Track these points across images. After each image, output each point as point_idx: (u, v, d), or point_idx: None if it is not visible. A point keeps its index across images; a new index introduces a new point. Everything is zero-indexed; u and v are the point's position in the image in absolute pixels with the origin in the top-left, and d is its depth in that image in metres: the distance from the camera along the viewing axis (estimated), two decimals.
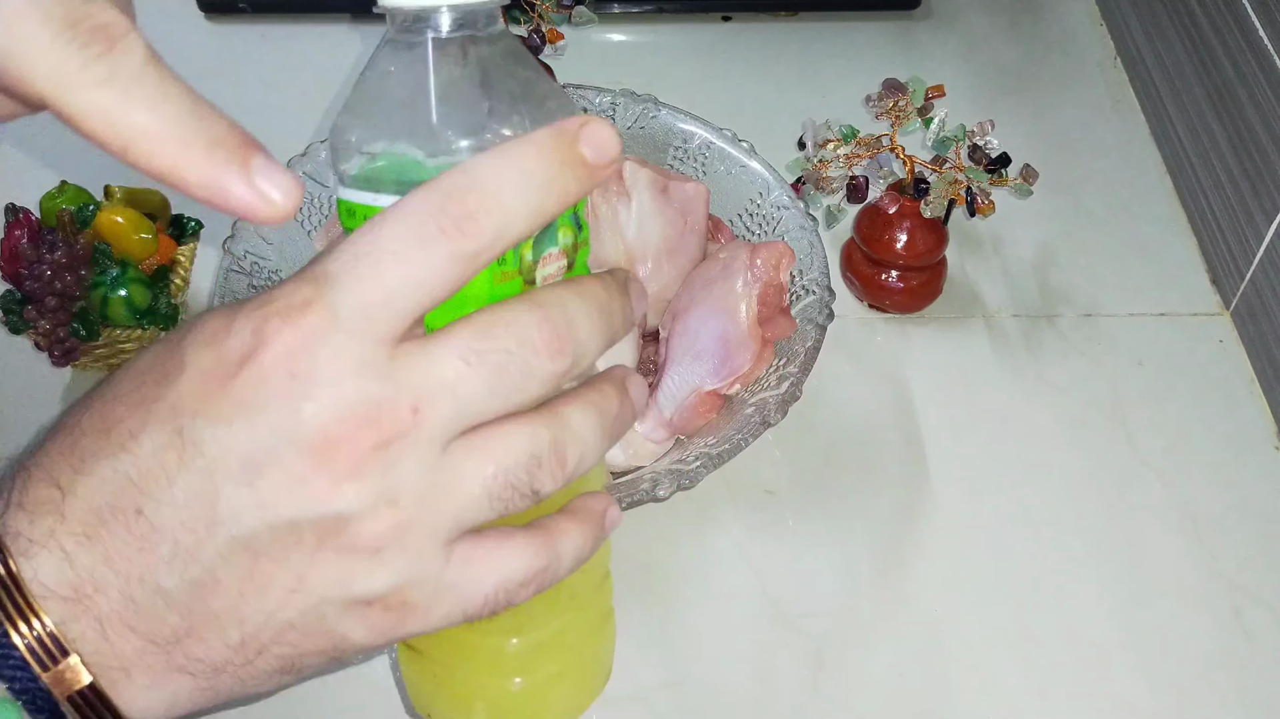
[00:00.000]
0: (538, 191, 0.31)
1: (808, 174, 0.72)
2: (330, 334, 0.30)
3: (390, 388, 0.30)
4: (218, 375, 0.30)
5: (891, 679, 0.61)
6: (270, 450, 0.30)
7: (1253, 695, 0.61)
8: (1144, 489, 0.69)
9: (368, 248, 0.30)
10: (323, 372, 0.30)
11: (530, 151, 0.31)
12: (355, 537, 0.31)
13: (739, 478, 0.68)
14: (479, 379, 0.31)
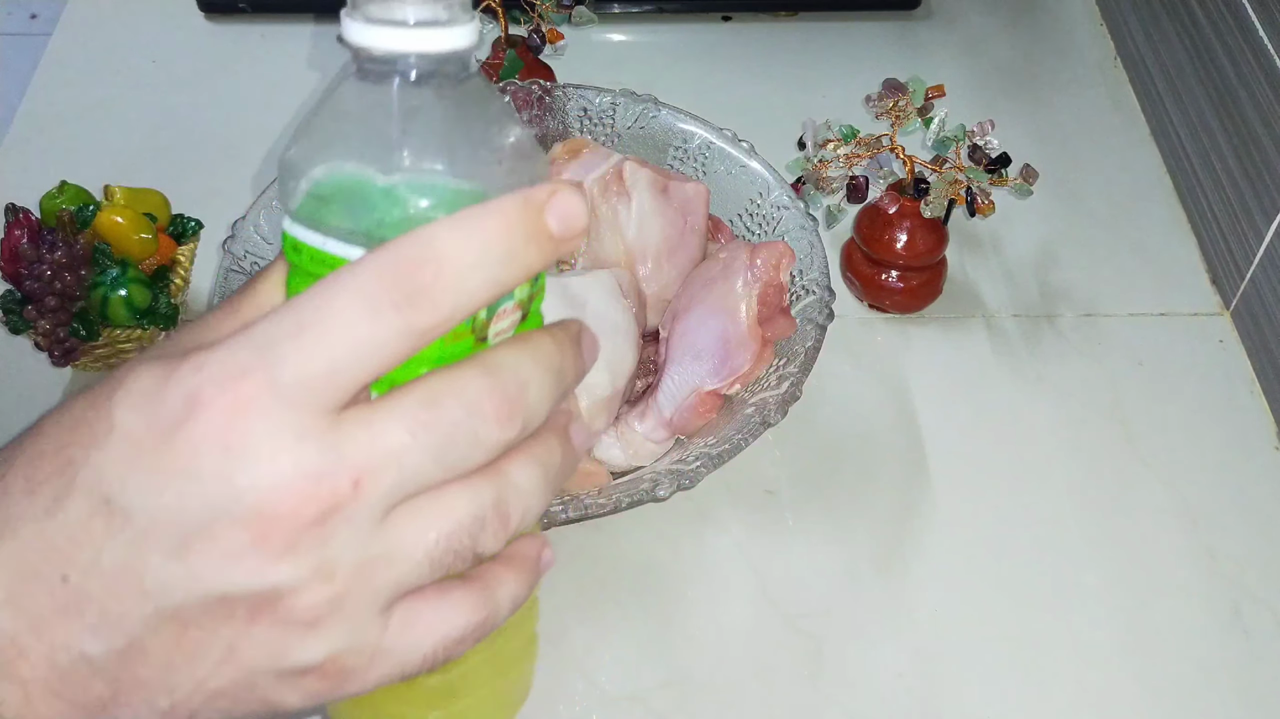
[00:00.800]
0: (497, 265, 0.30)
1: (808, 174, 0.72)
2: (269, 405, 0.29)
3: (330, 460, 0.29)
4: (148, 442, 0.29)
5: (891, 679, 0.61)
6: (202, 524, 0.29)
7: (1252, 694, 0.61)
8: (1144, 489, 0.69)
9: (313, 317, 0.29)
10: (260, 445, 0.29)
11: (493, 223, 0.30)
12: (289, 611, 0.30)
13: (739, 478, 0.68)
14: (424, 450, 0.30)
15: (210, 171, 0.86)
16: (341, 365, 0.29)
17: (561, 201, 0.30)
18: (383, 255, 0.29)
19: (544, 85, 0.77)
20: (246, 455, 0.29)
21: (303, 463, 0.29)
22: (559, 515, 0.58)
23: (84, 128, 0.89)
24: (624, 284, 0.66)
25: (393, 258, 0.29)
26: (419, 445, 0.30)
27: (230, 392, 0.29)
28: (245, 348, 0.29)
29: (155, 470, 0.29)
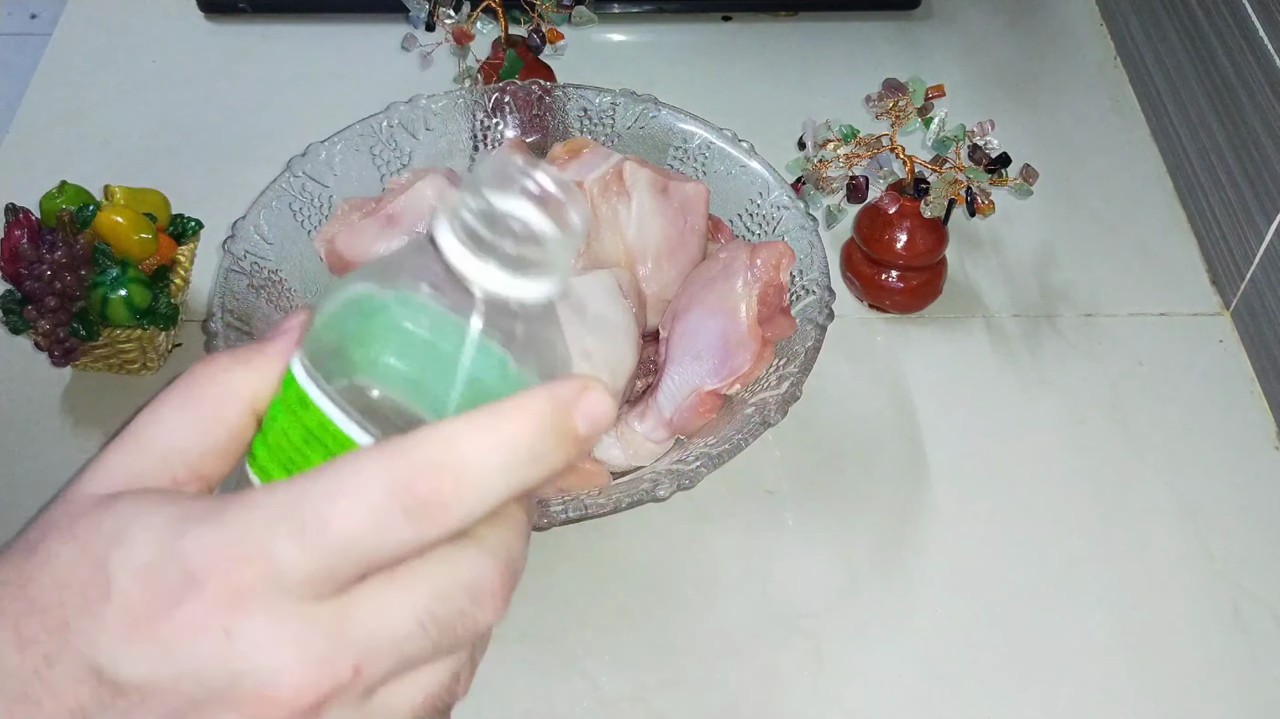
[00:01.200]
0: (520, 469, 0.28)
1: (808, 174, 0.72)
2: (270, 596, 0.28)
3: (334, 648, 0.29)
4: (145, 615, 0.28)
5: (891, 679, 0.61)
6: (196, 704, 0.29)
7: (1252, 693, 0.61)
8: (1144, 489, 0.69)
9: (317, 516, 0.28)
10: (259, 632, 0.28)
11: (522, 426, 0.28)
12: None
13: (739, 478, 0.68)
14: (428, 639, 0.30)
15: (210, 171, 0.86)
16: (345, 563, 0.28)
17: (590, 402, 0.29)
18: (399, 457, 0.28)
19: (544, 85, 0.77)
20: (246, 641, 0.28)
21: (306, 652, 0.29)
22: (559, 515, 0.58)
23: (84, 128, 0.89)
24: (624, 284, 0.66)
25: (409, 462, 0.28)
26: (425, 635, 0.29)
27: (231, 578, 0.28)
28: (248, 529, 0.29)
29: (151, 645, 0.29)
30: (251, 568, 0.28)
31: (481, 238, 0.29)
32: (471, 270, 0.29)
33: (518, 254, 0.29)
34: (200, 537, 0.29)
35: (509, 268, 0.29)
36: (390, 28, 0.93)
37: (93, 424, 0.72)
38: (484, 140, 0.77)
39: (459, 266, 0.29)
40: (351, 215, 0.72)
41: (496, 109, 0.77)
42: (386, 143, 0.75)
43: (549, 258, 0.29)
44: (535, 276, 0.29)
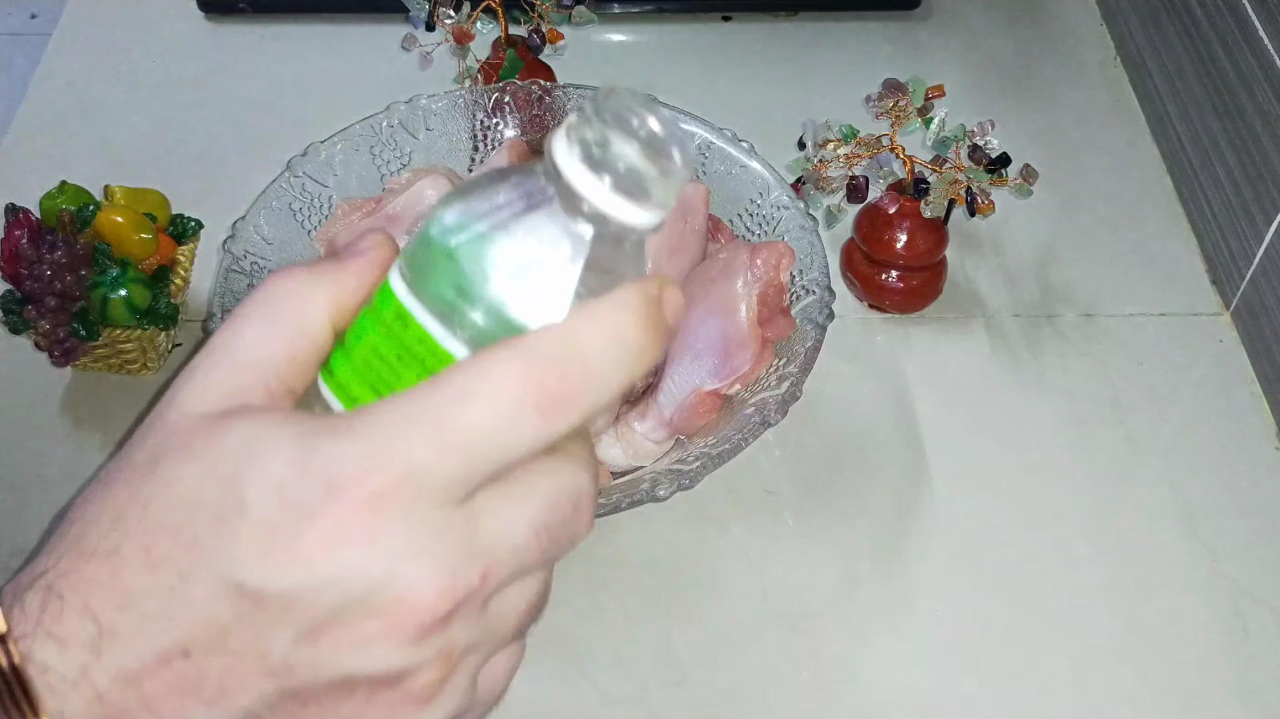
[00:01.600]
0: (632, 362, 0.30)
1: (808, 174, 0.72)
2: (408, 500, 0.29)
3: (466, 556, 0.30)
4: (285, 527, 0.29)
5: (891, 679, 0.61)
6: (336, 611, 0.29)
7: (1252, 693, 0.61)
8: (1144, 489, 0.69)
9: (453, 415, 0.29)
10: (400, 538, 0.29)
11: (631, 321, 0.30)
12: (409, 689, 0.31)
13: (739, 478, 0.68)
14: (540, 549, 0.31)
15: (210, 171, 0.86)
16: (479, 464, 0.29)
17: (671, 295, 0.31)
18: (527, 356, 0.29)
19: (544, 85, 0.77)
20: (388, 549, 0.29)
21: (442, 558, 0.29)
22: None
23: (84, 128, 0.89)
24: None
25: (537, 360, 0.29)
26: (538, 544, 0.31)
27: (369, 484, 0.29)
28: (384, 437, 0.29)
29: (293, 558, 0.29)
30: (389, 473, 0.29)
31: (600, 160, 0.30)
32: (588, 188, 0.30)
33: (631, 180, 0.30)
34: (334, 449, 0.29)
35: (622, 192, 0.30)
36: (390, 28, 0.93)
37: (93, 424, 0.72)
38: (484, 140, 0.77)
39: (576, 183, 0.30)
40: (351, 215, 0.72)
41: (496, 109, 0.77)
42: (386, 143, 0.75)
43: (657, 191, 0.31)
44: (643, 205, 0.31)
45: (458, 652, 0.31)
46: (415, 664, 0.30)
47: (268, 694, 0.30)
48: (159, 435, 0.32)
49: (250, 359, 0.32)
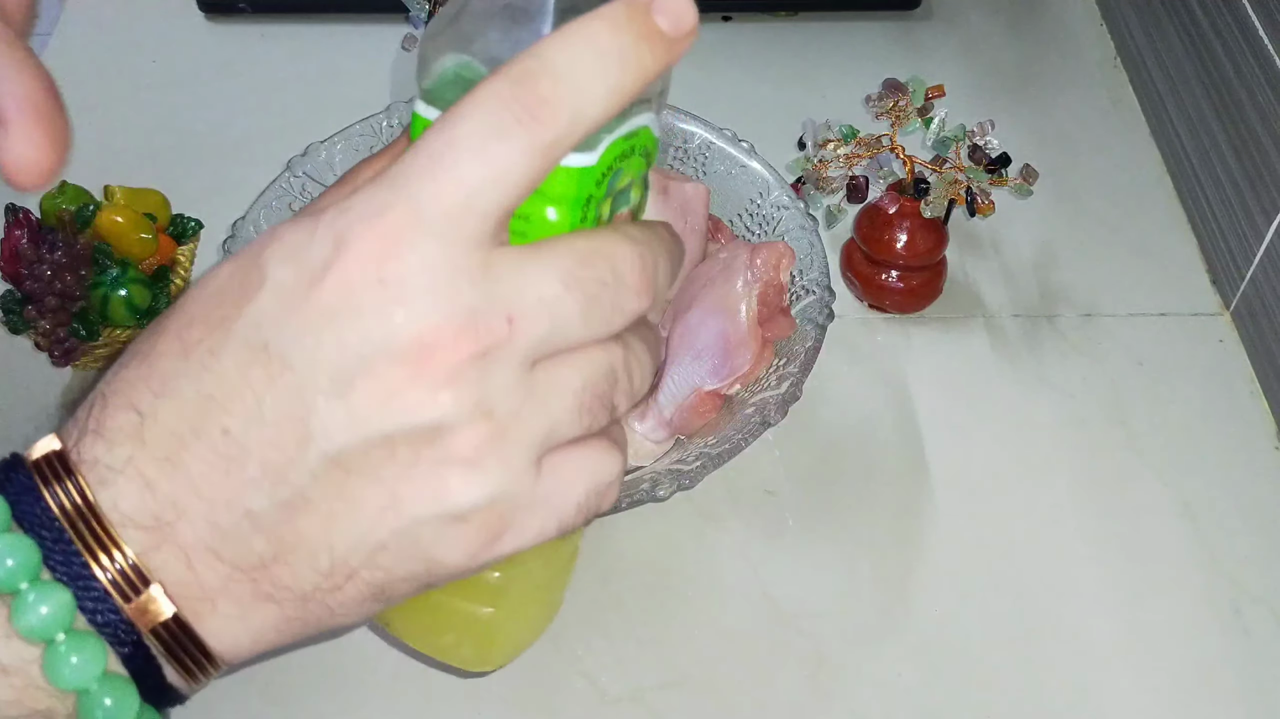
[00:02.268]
0: (615, 69, 0.30)
1: (808, 174, 0.72)
2: (417, 238, 0.29)
3: (485, 297, 0.29)
4: (302, 286, 0.29)
5: (891, 679, 0.61)
6: (363, 360, 0.29)
7: (1253, 693, 0.61)
8: (1144, 489, 0.69)
9: (442, 146, 0.29)
10: (414, 277, 0.29)
11: (602, 27, 0.30)
12: (451, 448, 0.30)
13: (739, 478, 0.68)
14: (574, 305, 0.30)
15: (210, 171, 0.86)
16: (478, 191, 0.29)
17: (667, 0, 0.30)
18: (498, 77, 0.29)
19: None
20: (403, 289, 0.29)
21: (459, 297, 0.29)
22: None
23: (84, 128, 0.89)
24: None
25: (508, 77, 0.29)
26: (571, 299, 0.30)
27: (377, 228, 0.29)
28: (384, 188, 0.30)
29: (312, 313, 0.29)
30: (394, 215, 0.29)
31: None
32: None
33: None
34: (341, 208, 0.30)
35: None
36: (390, 28, 0.93)
37: None
38: None
39: None
40: None
41: None
42: (386, 142, 0.75)
43: None
44: None
45: (501, 413, 0.30)
46: (452, 416, 0.29)
47: (312, 464, 0.30)
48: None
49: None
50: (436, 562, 0.31)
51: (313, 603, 0.32)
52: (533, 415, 0.31)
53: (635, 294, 0.31)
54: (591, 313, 0.31)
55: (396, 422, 0.29)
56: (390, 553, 0.31)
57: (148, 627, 0.31)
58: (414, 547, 0.31)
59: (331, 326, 0.29)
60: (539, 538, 0.32)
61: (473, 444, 0.30)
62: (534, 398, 0.30)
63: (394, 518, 0.30)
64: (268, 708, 0.60)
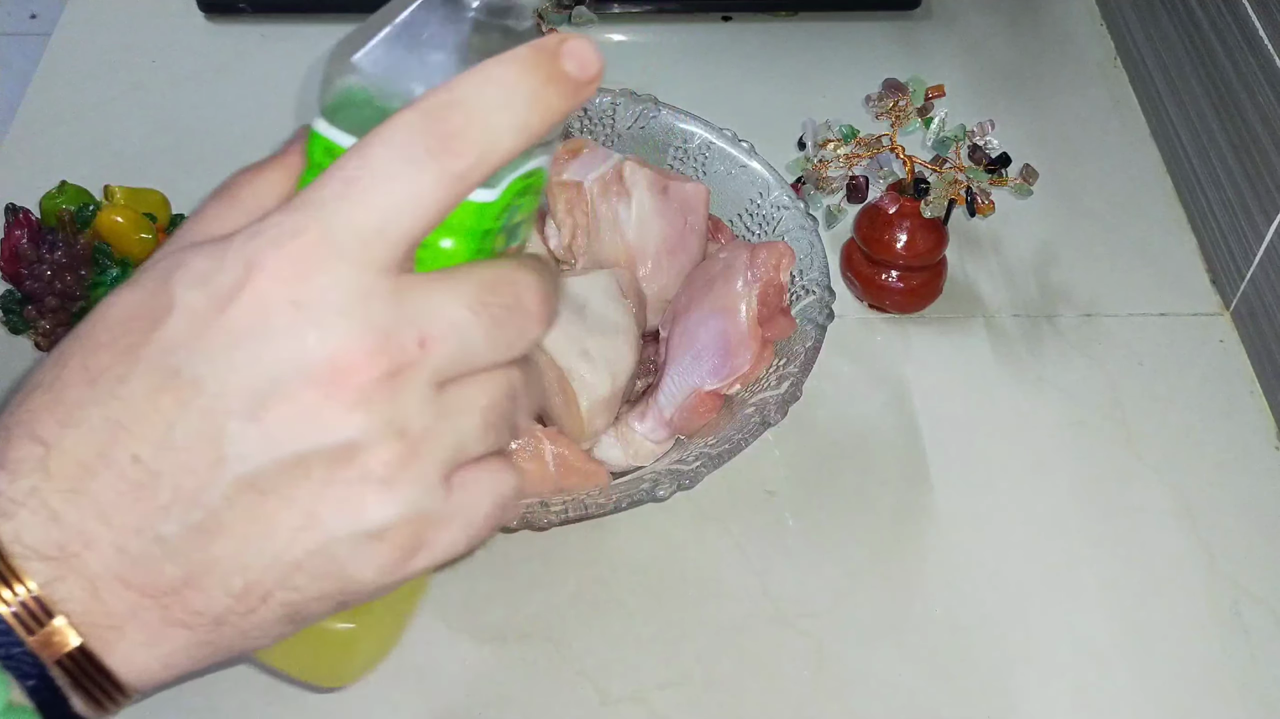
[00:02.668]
0: (523, 107, 0.31)
1: (808, 174, 0.72)
2: (328, 261, 0.29)
3: (396, 319, 0.30)
4: (213, 310, 0.29)
5: (891, 679, 0.61)
6: (275, 382, 0.29)
7: (1252, 693, 0.61)
8: (1144, 489, 0.69)
9: (356, 172, 0.30)
10: (327, 299, 0.29)
11: (512, 69, 0.31)
12: (366, 467, 0.30)
13: (739, 478, 0.68)
14: (481, 329, 0.31)
15: (210, 171, 0.85)
16: (391, 219, 0.30)
17: (574, 45, 0.31)
18: (411, 111, 0.30)
19: None
20: (315, 310, 0.29)
21: (372, 319, 0.29)
22: (559, 515, 0.58)
23: (84, 128, 0.89)
24: (624, 284, 0.66)
25: (421, 110, 0.30)
26: (478, 323, 0.31)
27: (289, 251, 0.29)
28: (296, 211, 0.30)
29: (224, 335, 0.29)
30: (306, 236, 0.29)
31: None
32: None
33: None
34: (249, 231, 0.30)
35: None
36: None
37: None
38: None
39: None
40: None
41: None
42: None
43: None
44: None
45: (414, 431, 0.30)
46: (365, 435, 0.30)
47: (225, 487, 0.30)
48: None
49: (206, 234, 0.33)
50: (352, 580, 0.32)
51: (226, 627, 0.32)
52: (443, 434, 0.31)
53: (536, 320, 0.32)
54: (497, 336, 0.31)
55: (311, 441, 0.29)
56: (305, 573, 0.31)
57: (53, 658, 0.30)
58: (329, 566, 0.31)
59: (244, 348, 0.29)
60: (450, 553, 0.33)
61: (387, 462, 0.30)
62: (444, 417, 0.31)
63: (309, 538, 0.30)
64: (268, 708, 0.60)
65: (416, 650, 0.62)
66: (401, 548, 0.31)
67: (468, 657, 0.62)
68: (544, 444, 0.61)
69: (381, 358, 0.29)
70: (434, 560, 0.32)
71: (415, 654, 0.62)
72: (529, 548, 0.66)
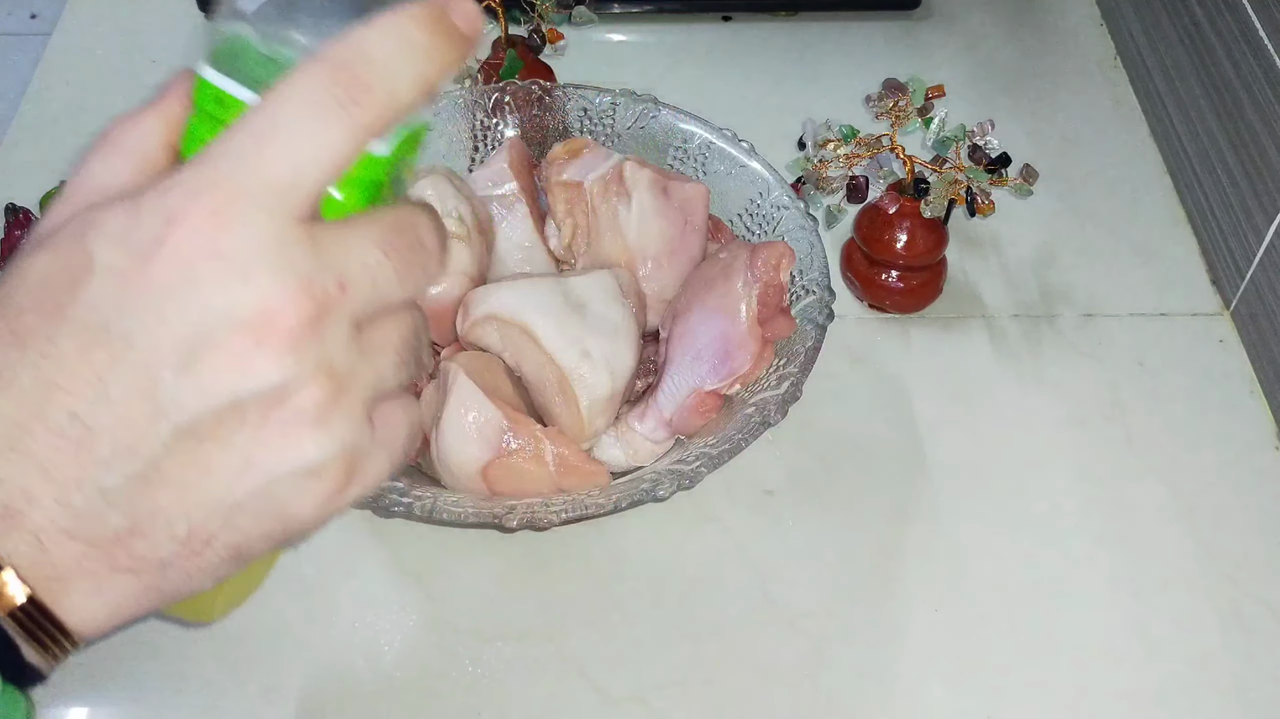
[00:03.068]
0: (423, 59, 0.32)
1: (808, 174, 0.72)
2: (248, 212, 0.30)
3: (317, 265, 0.31)
4: (136, 265, 0.30)
5: (891, 679, 0.61)
6: (205, 332, 0.30)
7: (1253, 693, 0.61)
8: (1144, 489, 0.69)
9: (266, 126, 0.31)
10: (249, 249, 0.30)
11: (410, 23, 0.32)
12: (299, 407, 0.31)
13: (739, 478, 0.68)
14: (392, 269, 0.32)
15: None
16: (304, 169, 0.31)
17: (458, 3, 0.33)
18: (319, 63, 0.31)
19: (544, 85, 0.77)
20: (239, 260, 0.30)
21: (294, 266, 0.30)
22: (559, 515, 0.58)
23: (84, 128, 0.89)
24: (624, 284, 0.66)
25: (329, 63, 0.31)
26: (389, 264, 0.32)
27: (206, 204, 0.30)
28: (209, 164, 0.31)
29: (150, 289, 0.30)
30: (221, 190, 0.30)
31: None
32: None
33: None
34: (164, 188, 0.31)
35: None
36: None
37: None
38: (484, 140, 0.77)
39: None
40: None
41: (496, 109, 0.77)
42: None
43: None
44: None
45: (340, 370, 0.32)
46: (296, 377, 0.31)
47: (164, 437, 0.31)
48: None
49: (97, 191, 0.34)
50: (292, 517, 0.33)
51: (171, 570, 0.33)
52: (366, 371, 0.33)
53: (437, 259, 0.34)
54: (406, 276, 0.33)
55: (244, 387, 0.30)
56: (247, 514, 0.32)
57: (3, 611, 0.31)
58: (270, 504, 0.32)
59: (172, 301, 0.30)
60: (377, 481, 0.35)
61: (318, 402, 0.31)
62: (365, 355, 0.33)
63: (249, 479, 0.32)
64: (268, 708, 0.60)
65: (417, 650, 0.62)
66: (337, 481, 0.33)
67: (468, 656, 0.62)
68: (544, 444, 0.61)
69: (306, 303, 0.30)
70: (365, 489, 0.34)
71: (416, 654, 0.62)
72: (529, 548, 0.66)
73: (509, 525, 0.57)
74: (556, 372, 0.62)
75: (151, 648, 0.62)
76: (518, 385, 0.65)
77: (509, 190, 0.71)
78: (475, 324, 0.64)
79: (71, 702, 0.61)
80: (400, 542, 0.66)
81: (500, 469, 0.60)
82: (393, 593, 0.65)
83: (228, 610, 0.46)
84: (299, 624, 0.63)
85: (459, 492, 0.61)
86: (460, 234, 0.66)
